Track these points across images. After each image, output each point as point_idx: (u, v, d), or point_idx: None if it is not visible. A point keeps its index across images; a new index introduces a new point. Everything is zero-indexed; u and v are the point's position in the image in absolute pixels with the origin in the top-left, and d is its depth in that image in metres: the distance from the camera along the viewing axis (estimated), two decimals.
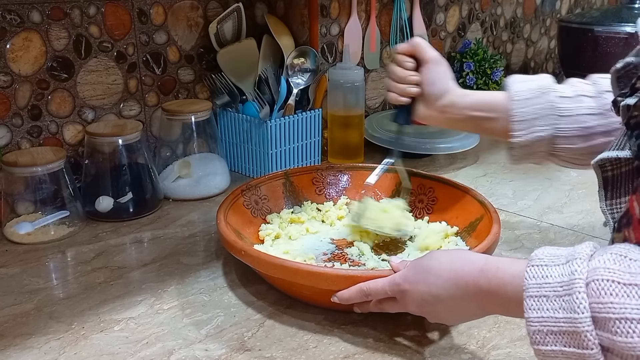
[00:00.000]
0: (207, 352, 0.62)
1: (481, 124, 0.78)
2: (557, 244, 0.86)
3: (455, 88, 0.79)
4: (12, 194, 0.88)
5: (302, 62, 1.12)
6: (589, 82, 0.75)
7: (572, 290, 0.43)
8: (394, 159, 0.85)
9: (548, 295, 0.45)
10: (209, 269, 0.79)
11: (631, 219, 0.48)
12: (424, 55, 0.79)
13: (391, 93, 0.80)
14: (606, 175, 0.55)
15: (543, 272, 0.46)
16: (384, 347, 0.63)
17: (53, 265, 0.81)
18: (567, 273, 0.44)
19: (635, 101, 0.50)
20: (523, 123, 0.73)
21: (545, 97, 0.73)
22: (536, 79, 0.75)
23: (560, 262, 0.46)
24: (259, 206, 0.87)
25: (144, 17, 1.03)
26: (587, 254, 0.45)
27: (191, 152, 1.04)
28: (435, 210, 0.88)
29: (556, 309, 0.44)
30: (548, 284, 0.45)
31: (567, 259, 0.46)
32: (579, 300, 0.43)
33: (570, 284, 0.44)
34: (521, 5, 1.76)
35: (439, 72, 0.79)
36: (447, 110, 0.78)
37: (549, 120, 0.72)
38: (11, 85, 0.91)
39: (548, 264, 0.47)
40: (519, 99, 0.73)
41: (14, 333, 0.65)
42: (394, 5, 1.35)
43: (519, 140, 0.74)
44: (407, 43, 0.80)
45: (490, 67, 1.45)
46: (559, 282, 0.45)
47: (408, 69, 0.79)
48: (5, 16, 0.88)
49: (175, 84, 1.11)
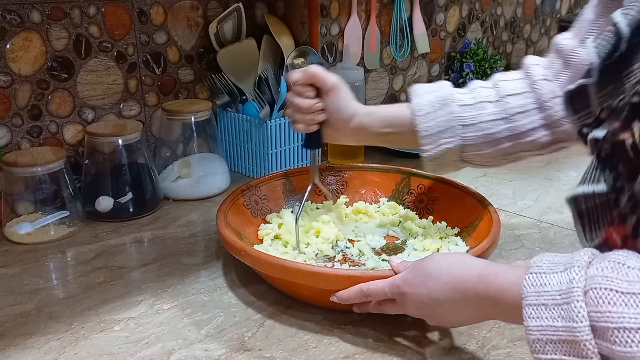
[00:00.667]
0: (207, 352, 0.62)
1: (391, 139, 0.79)
2: (557, 244, 0.86)
3: (360, 108, 0.78)
4: (12, 194, 0.88)
5: (302, 62, 1.12)
6: (490, 85, 0.75)
7: (571, 299, 0.43)
8: (313, 180, 0.84)
9: (547, 303, 0.45)
10: (209, 269, 0.79)
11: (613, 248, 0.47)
12: (324, 83, 0.76)
13: (298, 124, 0.78)
14: (580, 209, 0.55)
15: (541, 280, 0.46)
16: (384, 347, 0.63)
17: (53, 265, 0.81)
18: (566, 281, 0.44)
19: (603, 134, 0.50)
20: (429, 137, 0.74)
21: (446, 109, 0.73)
22: (436, 88, 0.76)
23: (559, 270, 0.46)
24: (259, 206, 0.87)
25: (144, 17, 1.03)
26: (586, 261, 0.45)
27: (191, 152, 1.04)
28: (435, 210, 0.88)
29: (555, 318, 0.44)
30: (547, 292, 0.45)
31: (566, 266, 0.46)
32: (577, 309, 0.43)
33: (569, 293, 0.44)
34: (521, 5, 1.76)
35: (343, 98, 0.77)
36: (357, 132, 0.78)
37: (453, 131, 0.73)
38: (11, 85, 0.91)
39: (546, 271, 0.47)
40: (421, 113, 0.74)
41: (14, 333, 0.65)
42: (394, 5, 1.35)
43: (428, 154, 0.75)
44: (303, 72, 0.76)
45: (490, 67, 1.45)
46: (558, 291, 0.45)
47: (310, 98, 0.77)
48: (5, 16, 0.88)
49: (175, 84, 1.11)
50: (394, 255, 0.78)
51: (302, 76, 0.76)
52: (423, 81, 1.48)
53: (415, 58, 1.45)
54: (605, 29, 0.55)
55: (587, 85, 0.54)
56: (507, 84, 0.74)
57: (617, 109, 0.49)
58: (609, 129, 0.49)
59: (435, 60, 1.52)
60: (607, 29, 0.55)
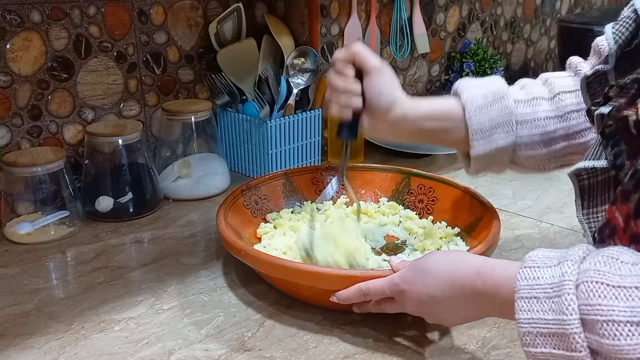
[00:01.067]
0: (207, 352, 0.62)
1: (436, 135, 0.71)
2: (557, 244, 0.86)
3: (404, 98, 0.70)
4: (12, 194, 0.88)
5: (302, 62, 1.12)
6: (540, 82, 0.71)
7: (562, 292, 0.43)
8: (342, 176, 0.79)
9: (538, 296, 0.45)
10: (209, 269, 0.79)
11: (615, 228, 0.47)
12: (366, 63, 0.68)
13: (333, 105, 0.70)
14: (582, 184, 0.54)
15: (535, 274, 0.46)
16: (384, 347, 0.63)
17: (53, 265, 0.81)
18: (558, 275, 0.45)
19: (609, 110, 0.49)
20: (482, 133, 0.68)
21: (501, 103, 0.68)
22: (488, 83, 0.70)
23: (552, 264, 0.46)
24: (259, 206, 0.87)
25: (144, 17, 1.03)
26: (580, 256, 0.45)
27: (191, 152, 1.04)
28: (435, 210, 0.88)
29: (546, 311, 0.44)
30: (539, 286, 0.45)
31: (559, 260, 0.46)
32: (567, 302, 0.43)
33: (560, 286, 0.44)
34: (521, 5, 1.76)
35: (385, 82, 0.69)
36: (398, 123, 0.70)
37: (508, 127, 0.68)
38: (11, 85, 0.91)
39: (540, 265, 0.47)
40: (474, 106, 0.68)
41: (14, 333, 0.65)
42: (394, 5, 1.35)
43: (478, 151, 0.69)
44: (346, 50, 0.70)
45: (490, 67, 1.45)
46: (550, 284, 0.45)
47: (349, 76, 0.69)
48: (5, 16, 0.88)
49: (175, 84, 1.11)
50: (394, 255, 0.78)
51: (344, 53, 0.70)
52: (423, 81, 1.49)
53: (415, 58, 1.45)
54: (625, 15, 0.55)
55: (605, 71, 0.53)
56: (560, 81, 0.70)
57: (625, 86, 0.49)
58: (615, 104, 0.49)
59: (435, 60, 1.52)
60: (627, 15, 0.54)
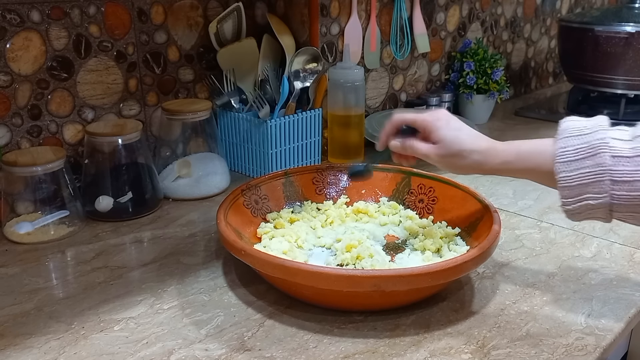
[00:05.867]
0: (207, 352, 0.62)
1: (521, 177, 0.71)
2: (557, 244, 0.86)
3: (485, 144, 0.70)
4: (12, 194, 0.88)
5: (314, 66, 1.12)
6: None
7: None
8: None
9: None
10: (209, 269, 0.79)
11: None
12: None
13: None
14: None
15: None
16: (384, 347, 0.63)
17: (53, 265, 0.81)
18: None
19: None
20: (570, 189, 0.62)
21: (595, 159, 0.60)
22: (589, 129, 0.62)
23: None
24: (259, 206, 0.87)
25: (144, 16, 1.03)
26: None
27: (191, 152, 1.04)
28: (436, 210, 0.88)
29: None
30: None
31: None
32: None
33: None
34: (521, 5, 1.76)
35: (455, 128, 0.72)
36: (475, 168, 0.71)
37: (601, 187, 0.60)
38: (11, 84, 0.91)
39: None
40: (564, 160, 0.62)
41: (14, 333, 0.65)
42: (394, 5, 1.35)
43: (568, 207, 0.64)
44: None
45: (490, 67, 1.45)
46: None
47: None
48: (5, 16, 0.88)
49: (175, 83, 1.11)
50: (394, 255, 0.78)
51: None
52: (423, 81, 1.49)
53: (415, 57, 1.45)
54: None
55: None
56: None
57: None
58: None
59: (435, 60, 1.52)
60: None
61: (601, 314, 0.69)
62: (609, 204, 0.61)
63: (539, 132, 1.43)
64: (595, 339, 0.64)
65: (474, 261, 0.66)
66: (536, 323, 0.67)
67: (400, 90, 1.45)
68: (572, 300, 0.72)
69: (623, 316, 0.68)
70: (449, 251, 0.77)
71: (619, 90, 1.49)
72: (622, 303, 0.71)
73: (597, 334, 0.65)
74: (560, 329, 0.66)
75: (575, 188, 0.62)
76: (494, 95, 1.47)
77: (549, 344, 0.63)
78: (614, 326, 0.66)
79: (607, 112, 1.54)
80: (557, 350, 0.62)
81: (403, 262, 0.77)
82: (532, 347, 0.63)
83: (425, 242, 0.79)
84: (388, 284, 0.63)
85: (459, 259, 0.66)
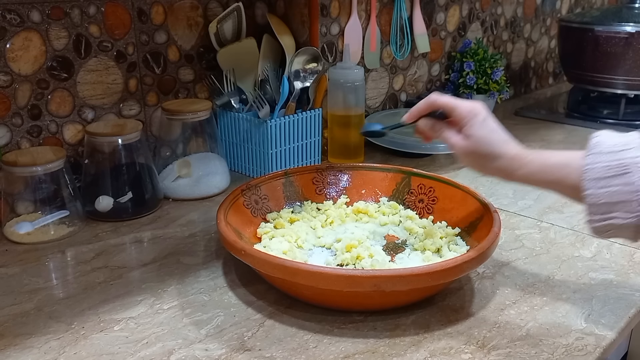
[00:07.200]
0: (207, 352, 0.62)
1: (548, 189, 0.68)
2: (557, 244, 0.86)
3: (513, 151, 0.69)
4: (12, 194, 0.88)
5: (314, 66, 1.12)
6: None
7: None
8: None
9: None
10: (209, 269, 0.79)
11: None
12: None
13: None
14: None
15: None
16: (384, 347, 0.63)
17: (53, 265, 0.81)
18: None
19: None
20: (597, 207, 0.60)
21: (623, 179, 0.58)
22: (621, 147, 0.60)
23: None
24: (259, 206, 0.87)
25: (144, 16, 1.03)
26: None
27: (191, 152, 1.04)
28: (436, 210, 0.88)
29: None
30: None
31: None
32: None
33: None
34: (521, 5, 1.76)
35: None
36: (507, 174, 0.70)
37: (628, 207, 0.58)
38: (11, 84, 0.91)
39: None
40: (591, 177, 0.60)
41: (14, 333, 0.65)
42: (394, 5, 1.35)
43: (594, 225, 0.62)
44: None
45: (490, 67, 1.45)
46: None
47: None
48: (5, 16, 0.88)
49: (175, 83, 1.11)
50: (394, 255, 0.78)
51: None
52: (423, 81, 1.49)
53: (415, 57, 1.45)
54: None
55: None
56: None
57: None
58: None
59: (435, 60, 1.52)
60: None
61: (601, 314, 0.69)
62: (637, 225, 0.59)
63: (539, 132, 1.43)
64: (595, 339, 0.64)
65: (474, 261, 0.66)
66: (536, 323, 0.67)
67: (400, 90, 1.45)
68: (572, 300, 0.72)
69: (623, 316, 0.68)
70: (449, 251, 0.77)
71: (619, 91, 1.49)
72: (622, 303, 0.71)
73: (597, 334, 0.65)
74: (560, 329, 0.66)
75: (602, 206, 0.60)
76: (494, 95, 1.47)
77: (549, 344, 0.63)
78: (614, 326, 0.66)
79: (607, 112, 1.54)
80: (557, 350, 0.62)
81: (403, 262, 0.77)
82: (532, 347, 0.63)
83: (425, 242, 0.79)
84: (388, 284, 0.63)
85: (458, 259, 0.66)
